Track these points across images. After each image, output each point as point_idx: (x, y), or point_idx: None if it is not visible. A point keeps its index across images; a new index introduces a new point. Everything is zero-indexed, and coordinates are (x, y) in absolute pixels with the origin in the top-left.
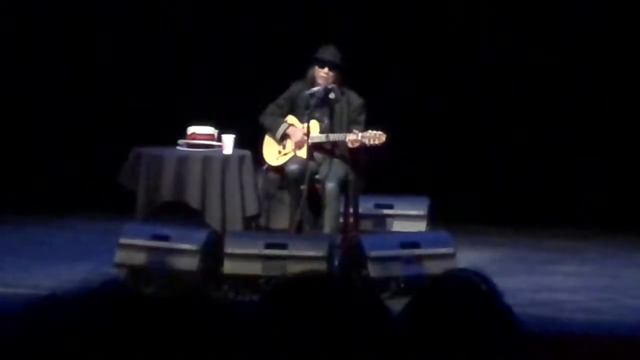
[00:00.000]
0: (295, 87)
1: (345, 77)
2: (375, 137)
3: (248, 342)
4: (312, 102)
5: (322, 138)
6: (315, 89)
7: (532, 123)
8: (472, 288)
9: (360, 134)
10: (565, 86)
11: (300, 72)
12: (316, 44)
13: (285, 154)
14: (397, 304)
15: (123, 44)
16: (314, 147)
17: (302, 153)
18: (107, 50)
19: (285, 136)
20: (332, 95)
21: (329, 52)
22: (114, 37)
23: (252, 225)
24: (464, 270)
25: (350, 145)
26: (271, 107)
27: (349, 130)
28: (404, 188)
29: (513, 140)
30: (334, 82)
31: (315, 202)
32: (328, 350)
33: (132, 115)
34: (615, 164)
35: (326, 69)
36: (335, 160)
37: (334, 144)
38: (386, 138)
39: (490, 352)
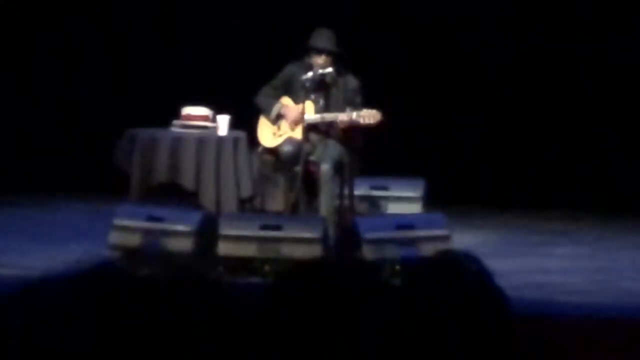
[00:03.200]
0: (290, 69)
1: (342, 59)
2: (370, 115)
3: (249, 329)
4: (308, 85)
5: (317, 119)
6: (310, 74)
7: (527, 106)
8: (462, 269)
9: (354, 113)
10: (561, 69)
11: (295, 53)
12: (312, 24)
13: (280, 135)
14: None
15: (118, 25)
16: (309, 128)
17: (297, 134)
18: (101, 30)
19: (279, 116)
20: (328, 79)
21: (323, 37)
22: (110, 18)
23: (246, 206)
24: (453, 251)
25: (341, 125)
26: (266, 89)
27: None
28: (399, 170)
29: (508, 122)
30: (330, 65)
31: (309, 183)
32: (335, 337)
33: (126, 96)
34: (610, 146)
35: (323, 56)
36: (331, 142)
37: (329, 124)
38: (381, 117)
39: (480, 332)
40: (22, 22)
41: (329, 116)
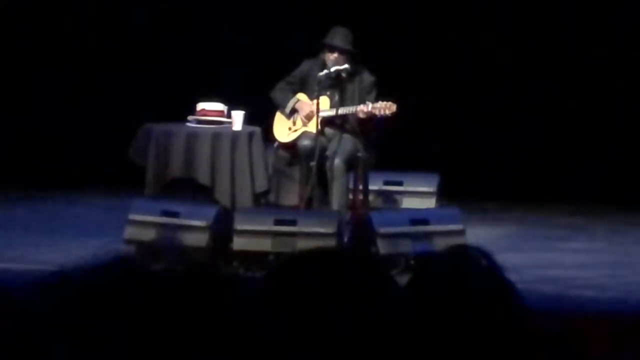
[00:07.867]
0: (305, 65)
1: (357, 57)
2: (386, 107)
3: (256, 318)
4: (324, 81)
5: (332, 113)
6: (325, 71)
7: (540, 102)
8: (473, 264)
9: (370, 105)
10: (573, 64)
11: (311, 49)
12: (327, 20)
13: (296, 130)
14: (405, 281)
15: (133, 20)
16: (324, 123)
17: (312, 128)
18: (117, 24)
19: (294, 111)
20: (344, 74)
21: (338, 35)
22: (124, 13)
23: (261, 201)
24: (464, 246)
25: (360, 115)
26: (281, 84)
27: None
28: (414, 165)
29: (522, 117)
30: (345, 63)
31: (324, 178)
32: (337, 326)
33: (142, 91)
34: (625, 140)
35: (336, 54)
36: (345, 136)
37: (344, 118)
38: (397, 108)
39: (490, 327)
40: (34, 17)
41: (343, 109)
